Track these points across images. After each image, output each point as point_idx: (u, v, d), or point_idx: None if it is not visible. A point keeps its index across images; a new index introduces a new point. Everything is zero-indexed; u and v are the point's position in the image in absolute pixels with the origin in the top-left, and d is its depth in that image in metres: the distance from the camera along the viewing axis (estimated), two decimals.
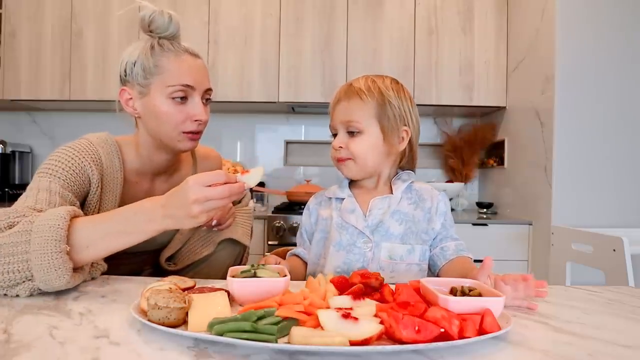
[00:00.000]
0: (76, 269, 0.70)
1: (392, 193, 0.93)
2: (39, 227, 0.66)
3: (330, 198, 0.98)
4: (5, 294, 0.67)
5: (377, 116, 0.89)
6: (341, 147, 0.90)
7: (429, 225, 0.92)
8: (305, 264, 0.98)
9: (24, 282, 0.66)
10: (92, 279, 0.78)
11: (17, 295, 0.67)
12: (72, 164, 0.84)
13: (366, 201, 0.93)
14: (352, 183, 0.99)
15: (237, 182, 0.71)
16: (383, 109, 0.89)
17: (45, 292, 0.68)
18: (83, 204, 0.88)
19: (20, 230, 0.67)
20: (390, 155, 0.93)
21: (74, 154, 0.86)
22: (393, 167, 0.96)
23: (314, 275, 0.79)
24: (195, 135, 0.92)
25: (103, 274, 0.81)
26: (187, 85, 0.88)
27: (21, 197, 0.79)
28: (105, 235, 0.70)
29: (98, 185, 0.88)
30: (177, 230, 1.02)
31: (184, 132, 0.90)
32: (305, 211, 1.02)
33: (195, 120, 0.90)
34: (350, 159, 0.90)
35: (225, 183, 0.69)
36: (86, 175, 0.86)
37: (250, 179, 0.73)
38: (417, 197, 0.94)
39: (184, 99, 0.88)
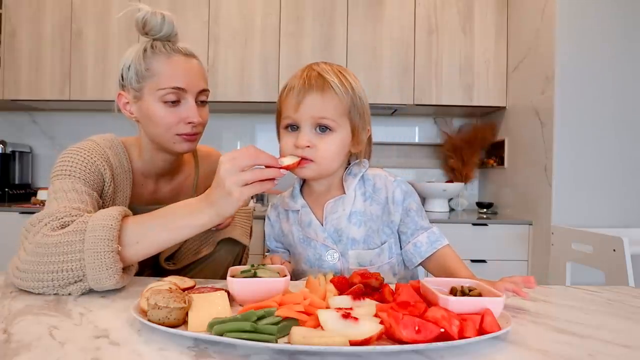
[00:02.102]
0: (124, 269, 0.70)
1: (344, 192, 0.86)
2: (93, 227, 0.67)
3: (287, 210, 0.92)
4: (56, 293, 0.68)
5: (349, 114, 0.81)
6: (309, 146, 0.78)
7: (388, 217, 0.86)
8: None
9: (76, 282, 0.67)
10: None
11: (70, 294, 0.68)
12: (87, 163, 0.85)
13: (321, 206, 0.87)
14: (303, 188, 0.92)
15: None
16: (355, 107, 0.82)
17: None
18: None
19: (75, 229, 0.68)
20: (349, 156, 0.88)
21: (85, 153, 0.86)
22: (345, 164, 0.89)
23: None
24: (192, 136, 0.91)
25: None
26: (178, 88, 0.87)
27: (49, 201, 0.79)
28: (154, 231, 0.71)
29: (110, 184, 0.89)
30: None
31: (178, 135, 0.89)
32: (266, 221, 0.97)
33: (189, 123, 0.88)
34: (312, 161, 0.79)
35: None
36: (100, 174, 0.87)
37: (285, 159, 0.72)
38: (371, 189, 0.87)
39: (176, 102, 0.87)
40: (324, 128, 0.79)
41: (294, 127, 0.81)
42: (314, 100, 0.78)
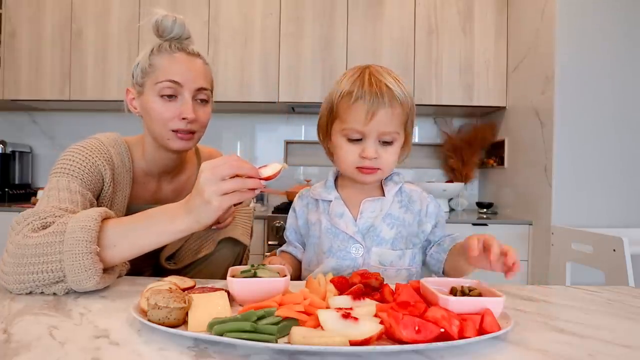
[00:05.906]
0: (106, 270, 0.70)
1: (383, 195, 0.91)
2: (72, 228, 0.67)
3: (317, 200, 0.94)
4: (42, 292, 0.68)
5: (406, 124, 0.86)
6: (376, 157, 0.82)
7: (419, 228, 0.91)
8: (297, 261, 0.98)
9: (57, 282, 0.67)
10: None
11: (54, 294, 0.68)
12: (87, 163, 0.85)
13: (356, 202, 0.90)
14: (337, 181, 0.95)
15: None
16: (410, 118, 0.86)
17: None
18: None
19: (54, 230, 0.68)
20: None
21: (87, 153, 0.86)
22: None
23: None
24: (186, 134, 0.91)
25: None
26: (174, 82, 0.88)
27: (41, 197, 0.79)
28: (132, 235, 0.70)
29: (110, 184, 0.89)
30: None
31: (172, 130, 0.90)
32: (290, 212, 0.99)
33: (183, 119, 0.89)
34: (379, 169, 0.84)
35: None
36: (100, 174, 0.87)
37: (265, 170, 0.70)
38: (407, 199, 0.93)
39: (172, 96, 0.89)
40: (387, 141, 0.83)
41: (352, 138, 0.83)
42: (385, 116, 0.80)
